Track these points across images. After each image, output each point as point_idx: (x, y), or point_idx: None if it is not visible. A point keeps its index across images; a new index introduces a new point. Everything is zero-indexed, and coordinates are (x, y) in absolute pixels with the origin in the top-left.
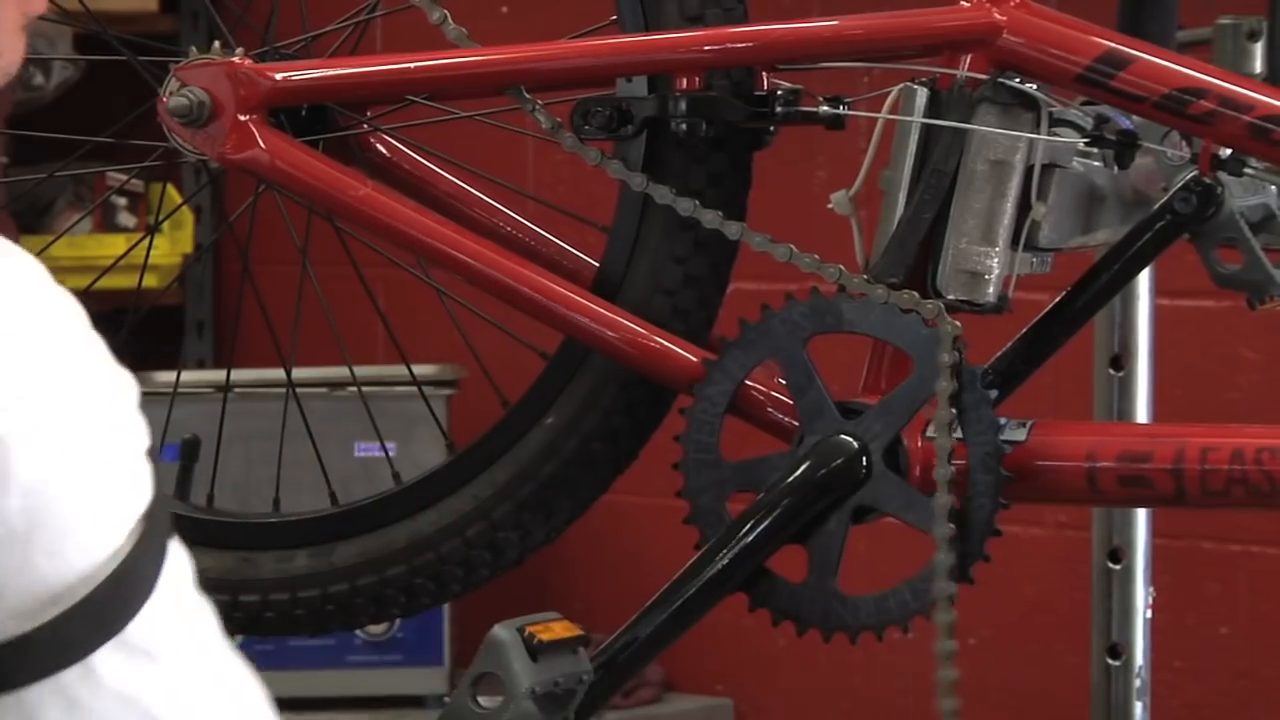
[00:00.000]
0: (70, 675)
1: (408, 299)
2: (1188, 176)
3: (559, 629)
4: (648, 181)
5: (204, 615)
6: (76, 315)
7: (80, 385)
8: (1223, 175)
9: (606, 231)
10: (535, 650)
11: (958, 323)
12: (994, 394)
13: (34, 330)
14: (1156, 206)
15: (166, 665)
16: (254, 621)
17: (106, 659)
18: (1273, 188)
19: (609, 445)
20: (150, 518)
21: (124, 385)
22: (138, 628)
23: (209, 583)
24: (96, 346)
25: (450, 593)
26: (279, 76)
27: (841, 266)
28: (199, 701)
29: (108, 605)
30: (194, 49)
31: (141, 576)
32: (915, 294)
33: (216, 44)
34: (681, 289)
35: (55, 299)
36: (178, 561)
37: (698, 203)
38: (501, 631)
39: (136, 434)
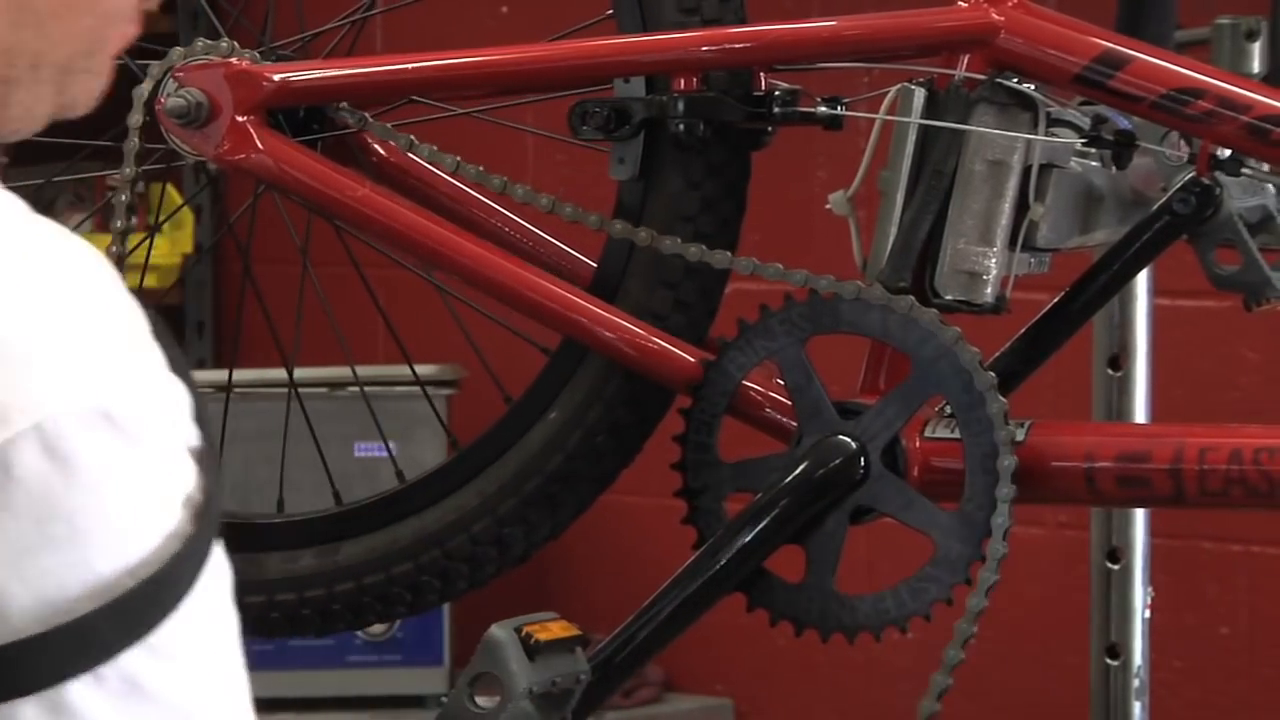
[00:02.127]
0: (96, 673)
1: (406, 300)
2: (1187, 177)
3: (556, 629)
4: (653, 236)
5: (229, 627)
6: (130, 315)
7: (130, 384)
8: (1222, 176)
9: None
10: (532, 650)
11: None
12: None
13: (90, 325)
14: (1155, 207)
15: (183, 668)
16: (260, 622)
17: (131, 660)
18: (1270, 188)
19: (613, 438)
20: (200, 518)
21: (173, 390)
22: (167, 630)
23: None
24: (147, 349)
25: (456, 590)
26: (277, 77)
27: (860, 284)
28: (204, 706)
29: (142, 605)
30: (176, 50)
31: (179, 579)
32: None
33: (199, 43)
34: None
35: (113, 296)
36: (219, 568)
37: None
38: (499, 631)
39: (185, 436)
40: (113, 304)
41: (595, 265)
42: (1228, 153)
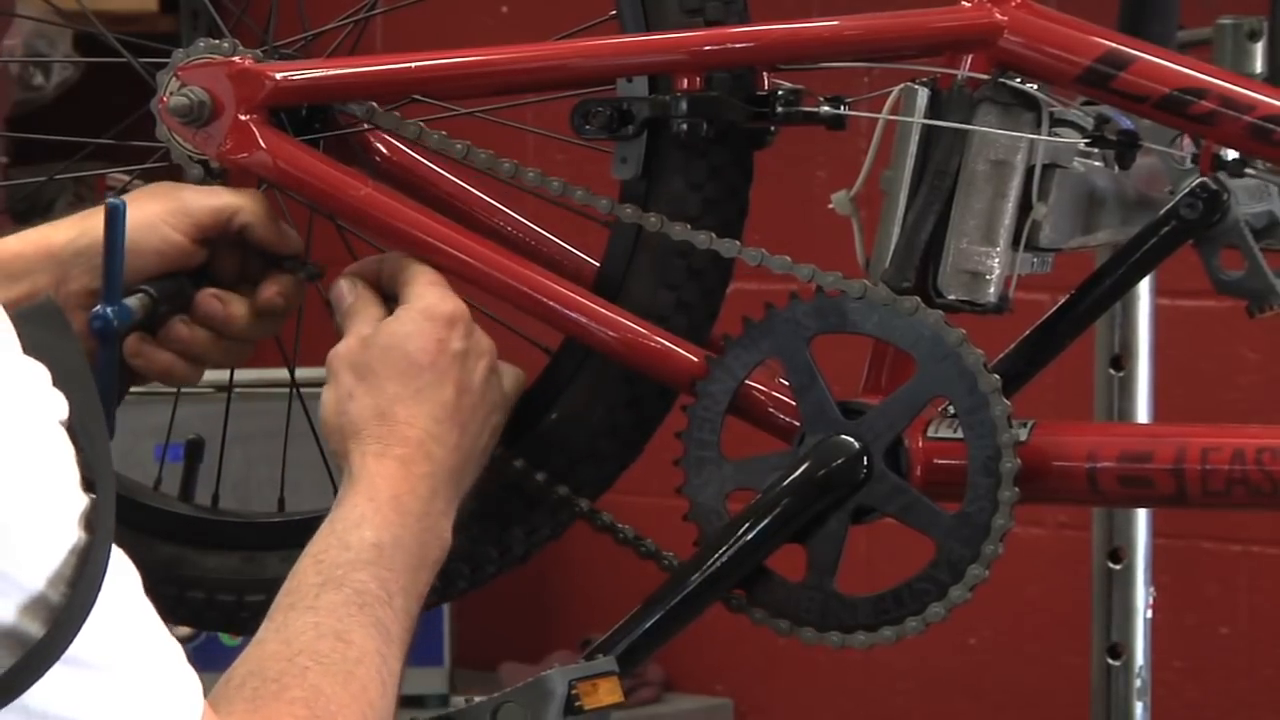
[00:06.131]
0: (20, 700)
1: None
2: (1194, 182)
3: (604, 691)
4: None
5: (145, 616)
6: None
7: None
8: (1231, 182)
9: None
10: (573, 710)
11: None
12: None
13: None
14: (1162, 212)
15: (107, 674)
16: (260, 621)
17: (51, 676)
18: (1275, 193)
19: (615, 439)
20: (90, 525)
21: (29, 370)
22: (81, 642)
23: (215, 583)
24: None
25: (456, 590)
26: (279, 76)
27: (866, 283)
28: (136, 706)
29: (53, 632)
30: (179, 50)
31: (84, 592)
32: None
33: (201, 43)
34: (685, 283)
35: None
36: (120, 566)
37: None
38: (555, 682)
39: (54, 435)
40: None
41: (598, 265)
42: (1233, 155)
